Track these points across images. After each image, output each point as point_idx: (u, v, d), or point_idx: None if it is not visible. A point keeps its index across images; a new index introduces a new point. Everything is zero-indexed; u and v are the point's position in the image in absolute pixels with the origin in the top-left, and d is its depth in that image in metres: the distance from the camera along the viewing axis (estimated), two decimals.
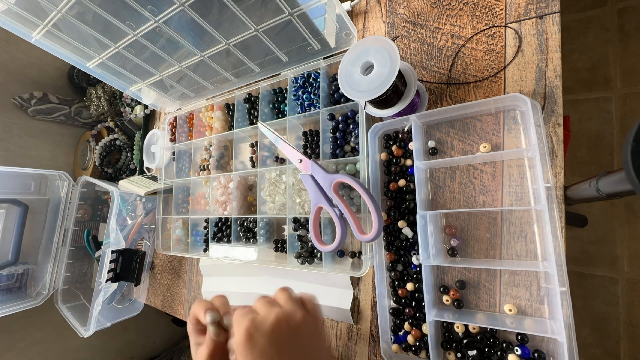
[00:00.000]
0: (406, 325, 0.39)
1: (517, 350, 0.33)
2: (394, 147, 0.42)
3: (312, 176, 0.41)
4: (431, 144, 0.40)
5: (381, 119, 0.42)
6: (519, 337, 0.33)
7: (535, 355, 0.32)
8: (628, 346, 0.94)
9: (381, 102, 0.37)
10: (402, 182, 0.41)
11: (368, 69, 0.35)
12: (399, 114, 0.38)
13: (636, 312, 0.95)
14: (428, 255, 0.36)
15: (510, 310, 0.34)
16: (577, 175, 1.06)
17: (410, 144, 0.40)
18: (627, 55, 1.01)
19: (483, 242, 0.36)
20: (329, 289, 0.47)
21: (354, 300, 0.44)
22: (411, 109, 0.40)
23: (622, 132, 1.01)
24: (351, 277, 0.45)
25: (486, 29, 0.38)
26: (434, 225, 0.38)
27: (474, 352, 0.34)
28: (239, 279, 0.58)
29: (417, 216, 0.36)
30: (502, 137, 0.36)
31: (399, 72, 0.35)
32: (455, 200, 0.38)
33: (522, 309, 0.34)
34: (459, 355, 0.35)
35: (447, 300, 0.37)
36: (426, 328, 0.37)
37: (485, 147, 0.36)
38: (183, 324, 1.22)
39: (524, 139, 0.35)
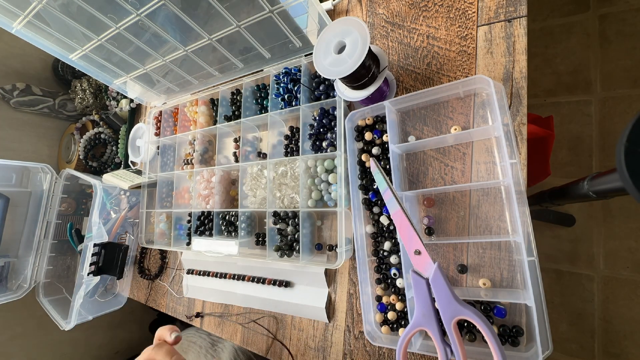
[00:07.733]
0: (388, 306, 0.41)
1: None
2: (367, 134, 0.43)
3: (428, 282, 0.32)
4: (412, 139, 0.41)
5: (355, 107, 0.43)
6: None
7: (514, 330, 0.34)
8: (602, 341, 0.98)
9: (354, 80, 0.38)
10: None
11: (342, 49, 0.36)
12: (371, 99, 0.40)
13: (610, 308, 0.98)
14: None
15: (484, 284, 0.36)
16: (559, 175, 1.09)
17: (385, 136, 0.42)
18: (607, 60, 1.04)
19: (458, 220, 0.38)
20: (305, 288, 0.48)
21: (329, 299, 0.46)
22: (380, 96, 0.41)
23: (600, 135, 1.04)
24: (327, 271, 0.47)
25: (459, 30, 0.40)
26: (409, 206, 0.39)
27: None
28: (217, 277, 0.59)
29: None
30: (471, 121, 0.38)
31: (372, 54, 0.36)
32: (433, 180, 0.40)
33: (496, 283, 0.35)
34: None
35: None
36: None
37: (455, 129, 0.38)
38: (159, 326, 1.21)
39: (491, 121, 0.37)
